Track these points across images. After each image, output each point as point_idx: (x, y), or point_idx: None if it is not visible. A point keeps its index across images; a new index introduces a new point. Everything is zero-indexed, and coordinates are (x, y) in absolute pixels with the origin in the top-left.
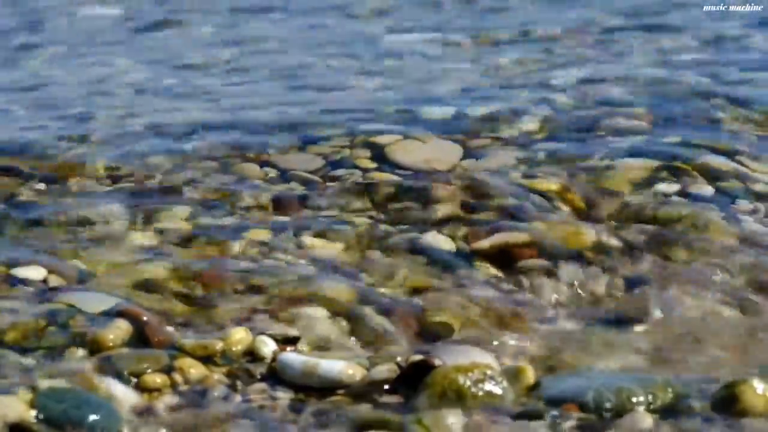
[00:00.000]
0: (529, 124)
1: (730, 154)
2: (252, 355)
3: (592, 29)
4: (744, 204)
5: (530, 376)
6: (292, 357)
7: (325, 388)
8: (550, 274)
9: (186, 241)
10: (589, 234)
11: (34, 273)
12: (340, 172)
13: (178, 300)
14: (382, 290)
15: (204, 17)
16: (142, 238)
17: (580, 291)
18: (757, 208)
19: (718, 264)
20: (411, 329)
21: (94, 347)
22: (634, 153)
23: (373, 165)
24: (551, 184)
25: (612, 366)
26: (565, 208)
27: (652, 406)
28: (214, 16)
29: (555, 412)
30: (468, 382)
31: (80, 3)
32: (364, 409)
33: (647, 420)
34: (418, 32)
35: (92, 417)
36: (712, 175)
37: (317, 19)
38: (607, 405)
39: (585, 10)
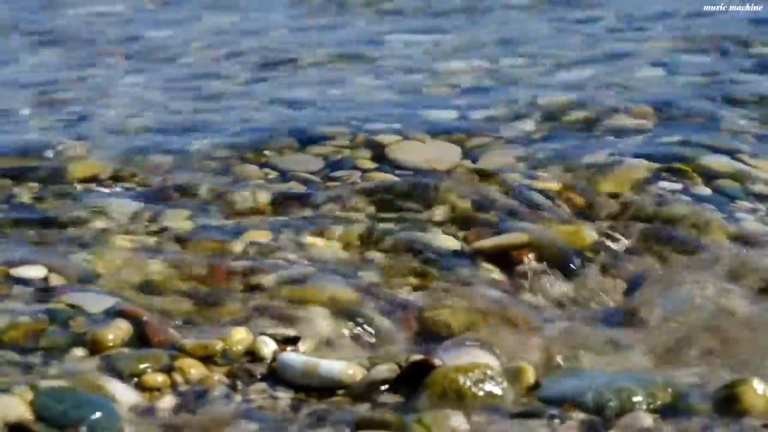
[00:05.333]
0: (529, 124)
1: (731, 154)
2: (252, 355)
3: (592, 29)
4: (744, 203)
5: (530, 376)
6: (292, 357)
7: (326, 388)
8: (550, 274)
9: (186, 241)
10: (589, 234)
11: (35, 273)
12: (340, 172)
13: (178, 300)
14: (383, 290)
15: (203, 17)
16: (143, 238)
17: (580, 291)
18: (758, 208)
19: (718, 263)
20: (411, 329)
21: (95, 347)
22: (634, 153)
23: (374, 165)
24: (551, 184)
25: (612, 366)
26: (566, 208)
27: (652, 406)
28: (213, 16)
29: (555, 412)
30: (468, 382)
31: (81, 2)
32: (364, 409)
33: (647, 420)
34: (419, 32)
35: (92, 417)
36: (712, 175)
37: (317, 19)
38: (607, 405)
39: (585, 11)
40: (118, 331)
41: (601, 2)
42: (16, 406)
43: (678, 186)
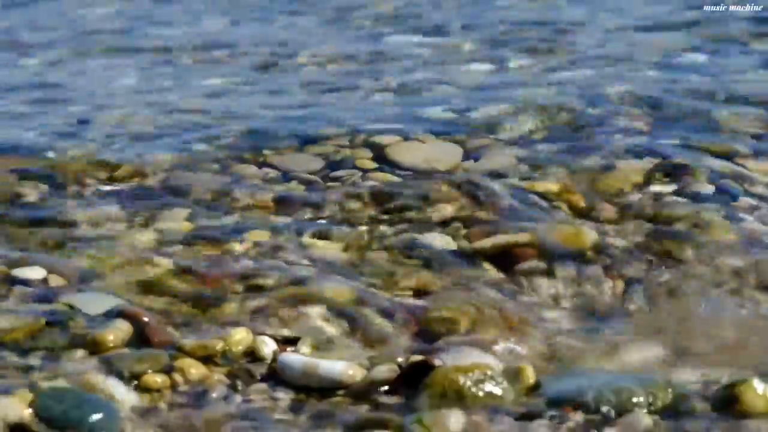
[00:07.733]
0: (529, 124)
1: (730, 155)
2: (252, 355)
3: (592, 29)
4: (744, 203)
5: (530, 376)
6: (292, 357)
7: (326, 388)
8: (551, 274)
9: (186, 241)
10: (589, 234)
11: (35, 273)
12: (340, 172)
13: (178, 300)
14: (383, 290)
15: (203, 17)
16: (143, 238)
17: (580, 291)
18: (757, 207)
19: (718, 263)
20: (411, 329)
21: (95, 348)
22: (634, 153)
23: (374, 165)
24: (551, 185)
25: (612, 366)
26: (565, 209)
27: (652, 407)
28: (212, 16)
29: (555, 413)
30: (468, 383)
31: (80, 3)
32: (364, 410)
33: (647, 420)
34: (419, 34)
35: (92, 417)
36: (711, 175)
37: (317, 19)
38: (608, 405)
39: (585, 11)
40: (118, 332)
41: (601, 2)
42: (17, 407)
43: (677, 186)
